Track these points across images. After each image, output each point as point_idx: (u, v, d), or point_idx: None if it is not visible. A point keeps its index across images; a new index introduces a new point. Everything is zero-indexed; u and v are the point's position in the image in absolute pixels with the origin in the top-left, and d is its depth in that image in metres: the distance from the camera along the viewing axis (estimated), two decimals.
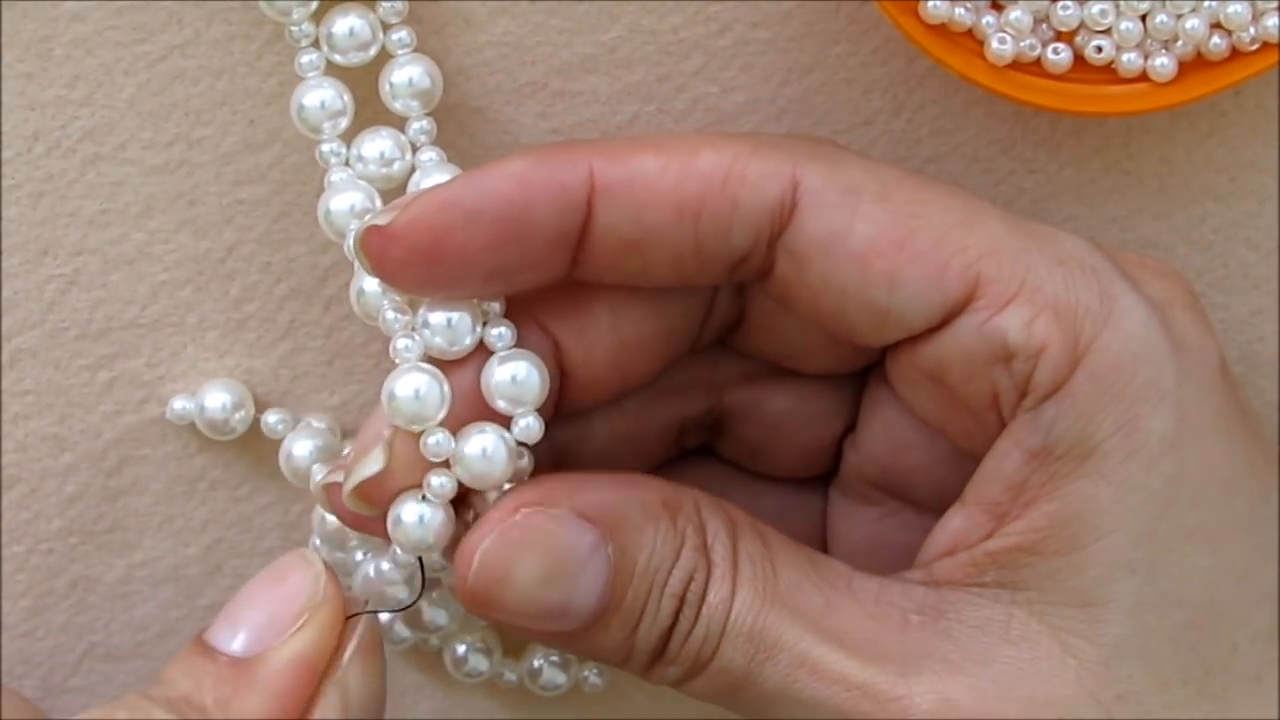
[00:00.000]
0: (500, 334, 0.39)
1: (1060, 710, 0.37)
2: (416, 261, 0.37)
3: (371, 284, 0.39)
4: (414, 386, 0.38)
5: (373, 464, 0.38)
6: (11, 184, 0.43)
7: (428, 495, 0.38)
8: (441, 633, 0.46)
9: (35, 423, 0.45)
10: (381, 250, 0.37)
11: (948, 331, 0.38)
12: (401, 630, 0.46)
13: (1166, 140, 0.45)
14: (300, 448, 0.44)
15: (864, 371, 0.43)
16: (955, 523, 0.39)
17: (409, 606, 0.41)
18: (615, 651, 0.38)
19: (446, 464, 0.38)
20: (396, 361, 0.38)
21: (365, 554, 0.41)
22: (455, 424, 0.38)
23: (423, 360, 0.38)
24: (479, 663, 0.46)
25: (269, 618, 0.38)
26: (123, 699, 0.37)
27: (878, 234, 0.38)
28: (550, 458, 0.41)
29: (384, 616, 0.45)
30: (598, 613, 0.38)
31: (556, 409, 0.41)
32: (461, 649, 0.46)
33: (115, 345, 0.45)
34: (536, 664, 0.47)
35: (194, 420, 0.45)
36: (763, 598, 0.38)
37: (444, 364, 0.38)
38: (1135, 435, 0.38)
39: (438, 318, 0.38)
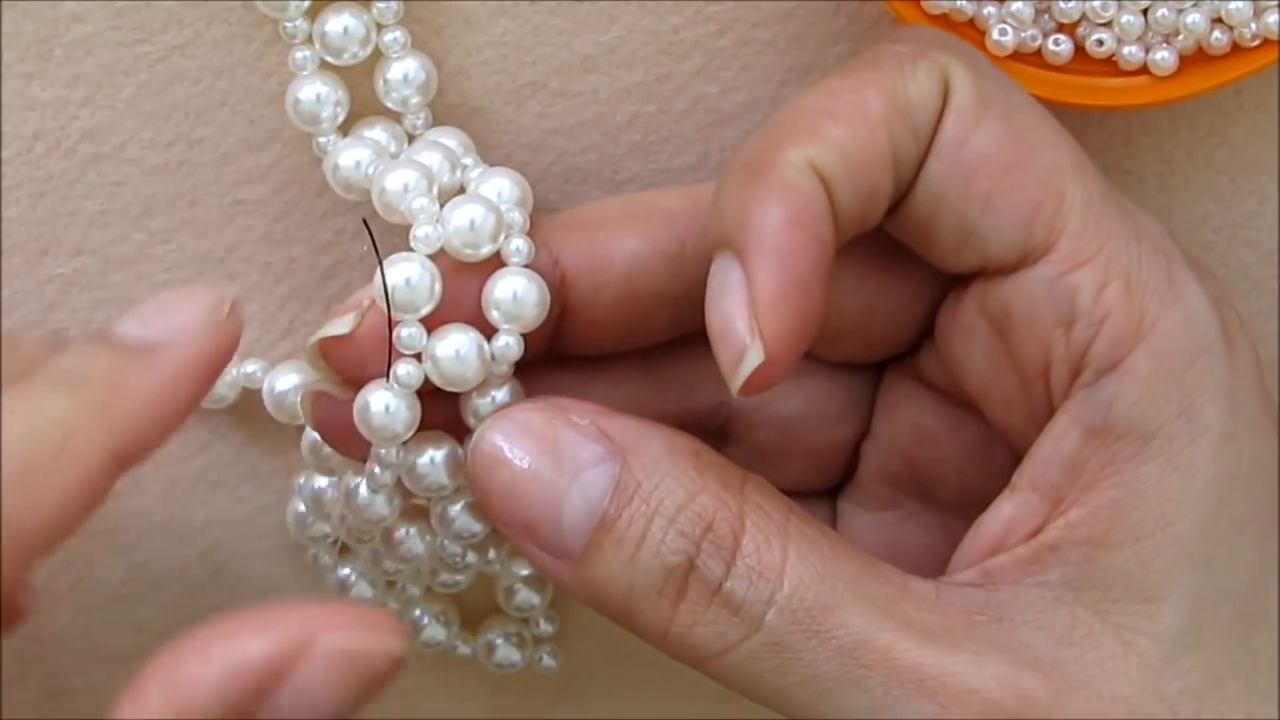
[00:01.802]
0: (518, 248, 0.38)
1: (1128, 708, 0.37)
2: None
3: (395, 183, 0.39)
4: (406, 275, 0.38)
5: (341, 325, 0.38)
6: (11, 184, 0.43)
7: (394, 384, 0.38)
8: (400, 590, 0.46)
9: None
10: None
11: (1019, 277, 0.38)
12: (364, 589, 0.46)
13: (1167, 140, 0.45)
14: (284, 381, 0.44)
15: (877, 377, 0.43)
16: (1007, 510, 0.39)
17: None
18: (615, 587, 0.37)
19: (419, 359, 0.38)
20: (412, 247, 0.38)
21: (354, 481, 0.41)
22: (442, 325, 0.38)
23: (436, 255, 0.38)
24: (436, 632, 0.46)
25: (176, 320, 0.36)
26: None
27: (991, 152, 0.38)
28: None
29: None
30: (593, 531, 0.37)
31: (553, 348, 0.41)
32: (421, 616, 0.46)
33: None
34: (494, 639, 0.47)
35: None
36: (821, 573, 0.37)
37: (452, 267, 0.38)
38: (1197, 421, 0.37)
39: (461, 219, 0.38)
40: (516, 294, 0.38)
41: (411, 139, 0.42)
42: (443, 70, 0.43)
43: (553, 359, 0.41)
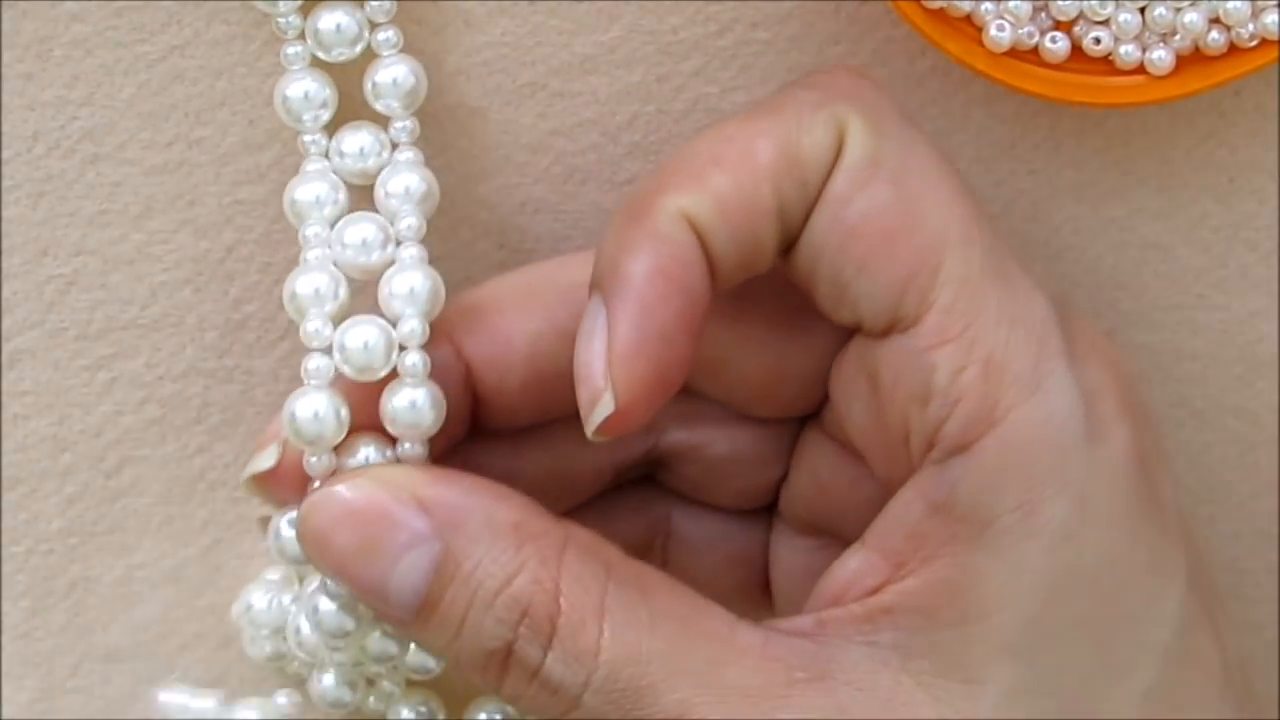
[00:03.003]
0: (414, 364, 0.39)
1: None
2: None
3: (305, 287, 0.40)
4: (313, 409, 0.39)
5: (265, 460, 0.40)
6: (11, 184, 0.43)
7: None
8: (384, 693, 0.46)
9: (35, 423, 0.45)
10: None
11: (888, 343, 0.38)
12: (342, 694, 0.45)
13: (1166, 140, 0.45)
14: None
15: (801, 421, 0.43)
16: (852, 564, 0.39)
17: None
18: (445, 655, 0.38)
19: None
20: (305, 380, 0.39)
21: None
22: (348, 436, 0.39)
23: (331, 382, 0.39)
24: None
25: None
26: None
27: (872, 215, 0.38)
28: None
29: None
30: (419, 607, 0.37)
31: (474, 429, 0.41)
32: (405, 713, 0.45)
33: (115, 345, 0.44)
34: None
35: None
36: (637, 652, 0.37)
37: (353, 385, 0.39)
38: (1035, 518, 0.37)
39: (355, 340, 0.39)
40: (415, 403, 0.39)
41: (395, 147, 0.42)
42: (442, 70, 0.43)
43: (480, 431, 0.42)
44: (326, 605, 0.41)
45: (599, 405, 0.37)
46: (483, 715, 0.46)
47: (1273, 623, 0.48)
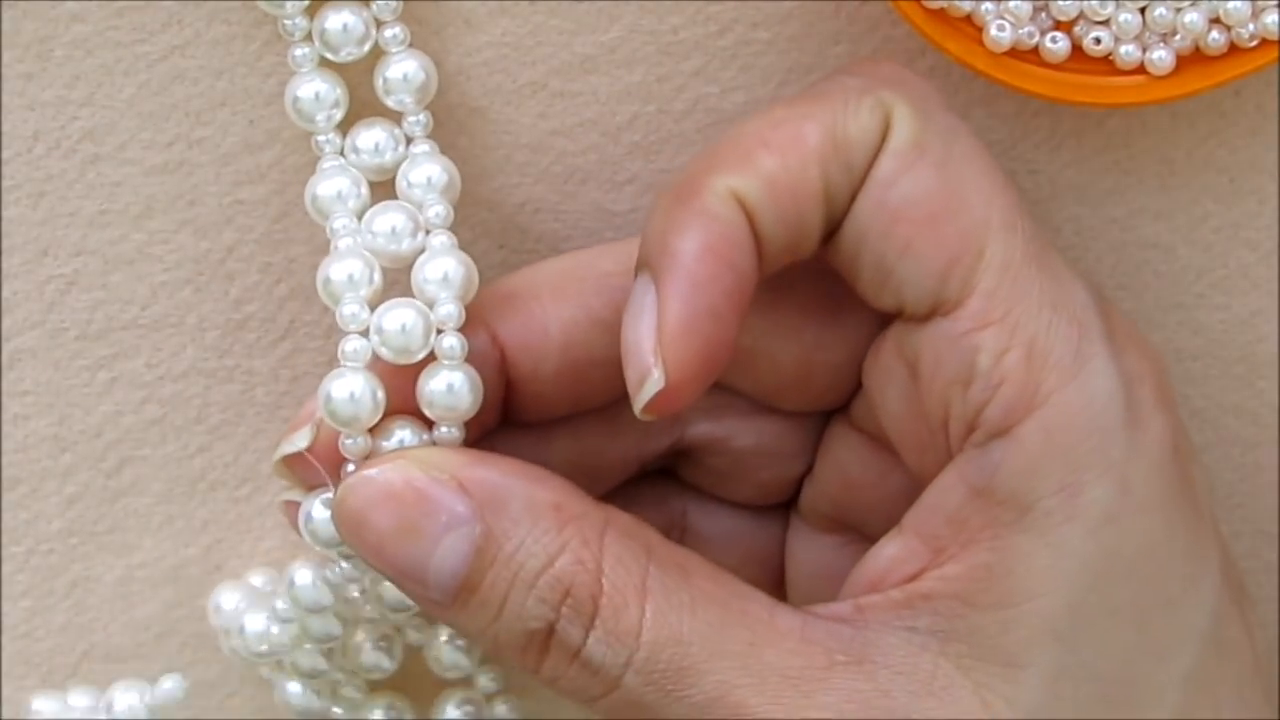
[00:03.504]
0: (451, 347, 0.39)
1: None
2: None
3: (339, 273, 0.39)
4: (349, 390, 0.39)
5: (298, 441, 0.40)
6: (11, 184, 0.43)
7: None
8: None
9: (35, 423, 0.45)
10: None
11: (930, 327, 0.38)
12: (310, 700, 0.45)
13: (1166, 140, 0.45)
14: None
15: (828, 415, 0.43)
16: (890, 550, 0.39)
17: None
18: (483, 638, 0.38)
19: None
20: (342, 362, 0.39)
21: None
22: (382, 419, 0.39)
23: (369, 364, 0.39)
24: None
25: None
26: None
27: (917, 198, 0.38)
28: None
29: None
30: (458, 589, 0.37)
31: (506, 418, 0.41)
32: (375, 714, 0.46)
33: (115, 345, 0.45)
34: (448, 714, 0.46)
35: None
36: (678, 633, 0.37)
37: (390, 368, 0.39)
38: (1077, 500, 0.37)
39: (393, 322, 0.39)
40: (452, 386, 0.39)
41: (410, 141, 0.42)
42: (442, 70, 0.43)
43: (510, 422, 0.42)
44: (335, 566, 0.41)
45: (648, 383, 0.37)
46: (450, 707, 0.46)
47: (1273, 622, 0.48)
